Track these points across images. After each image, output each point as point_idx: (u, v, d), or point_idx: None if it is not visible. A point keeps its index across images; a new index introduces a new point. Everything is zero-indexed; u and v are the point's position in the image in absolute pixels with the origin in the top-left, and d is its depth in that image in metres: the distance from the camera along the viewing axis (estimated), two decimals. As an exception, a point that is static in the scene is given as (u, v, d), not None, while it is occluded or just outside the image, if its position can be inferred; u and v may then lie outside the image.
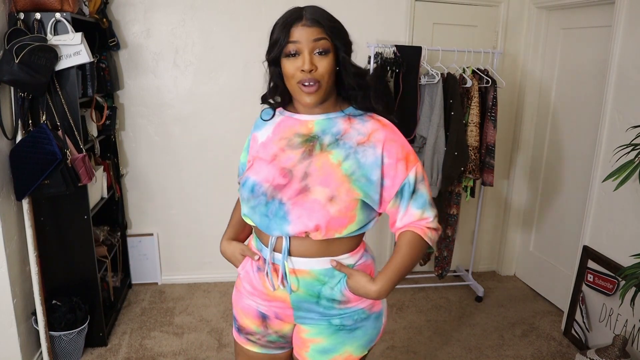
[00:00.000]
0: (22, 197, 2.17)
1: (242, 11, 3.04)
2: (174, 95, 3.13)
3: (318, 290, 1.24)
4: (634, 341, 2.38)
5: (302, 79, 1.16)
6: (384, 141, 1.20)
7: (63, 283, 2.50)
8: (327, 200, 1.16)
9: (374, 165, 1.19)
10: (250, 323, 1.37)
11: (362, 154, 1.20)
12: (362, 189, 1.18)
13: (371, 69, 2.98)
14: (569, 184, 3.10)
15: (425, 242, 1.23)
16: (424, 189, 1.23)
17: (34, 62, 2.01)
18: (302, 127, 1.25)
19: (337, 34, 1.18)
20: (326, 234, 1.17)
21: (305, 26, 1.15)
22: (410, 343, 2.77)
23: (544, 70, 3.30)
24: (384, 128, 1.23)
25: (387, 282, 1.20)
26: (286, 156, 1.23)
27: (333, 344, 1.28)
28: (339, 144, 1.21)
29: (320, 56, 1.16)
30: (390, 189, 1.21)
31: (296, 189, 1.18)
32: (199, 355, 2.60)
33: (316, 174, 1.19)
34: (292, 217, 1.18)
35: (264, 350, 1.40)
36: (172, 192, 3.26)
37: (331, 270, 1.23)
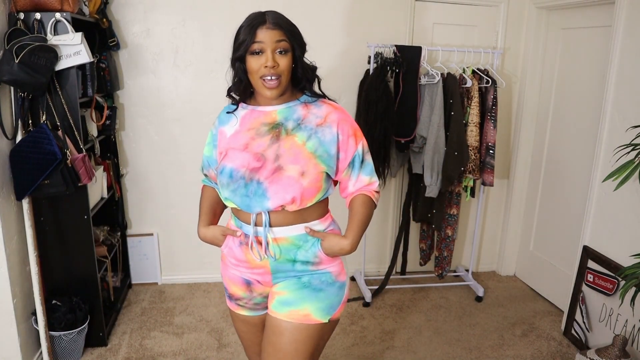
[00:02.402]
0: (22, 197, 2.18)
1: (242, 11, 3.00)
2: (174, 95, 3.13)
3: (294, 254, 1.44)
4: (634, 341, 2.38)
5: (265, 74, 1.35)
6: (338, 121, 1.43)
7: (63, 283, 2.50)
8: (299, 175, 1.37)
9: (332, 141, 1.42)
10: (238, 290, 1.55)
11: (322, 133, 1.41)
12: (325, 162, 1.41)
13: (371, 69, 2.99)
14: (569, 184, 3.10)
15: (374, 203, 1.50)
16: (369, 159, 1.50)
17: (34, 62, 2.01)
18: (267, 117, 1.44)
19: (294, 36, 1.39)
20: (301, 204, 1.39)
21: (269, 29, 1.35)
22: (410, 343, 2.77)
23: (544, 70, 3.30)
24: (336, 110, 1.46)
25: (356, 235, 1.44)
26: (257, 143, 1.42)
27: (295, 298, 1.44)
28: (301, 127, 1.42)
29: (280, 55, 1.36)
30: (344, 160, 1.45)
31: (271, 169, 1.38)
32: (199, 355, 2.60)
33: (286, 155, 1.39)
34: (270, 194, 1.38)
35: (252, 313, 1.59)
36: (172, 192, 3.26)
37: (305, 235, 1.43)
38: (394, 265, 3.33)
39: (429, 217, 3.16)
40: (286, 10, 2.02)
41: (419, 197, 3.17)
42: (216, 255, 3.36)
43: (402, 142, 3.05)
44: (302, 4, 3.04)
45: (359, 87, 3.11)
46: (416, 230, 3.46)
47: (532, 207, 3.46)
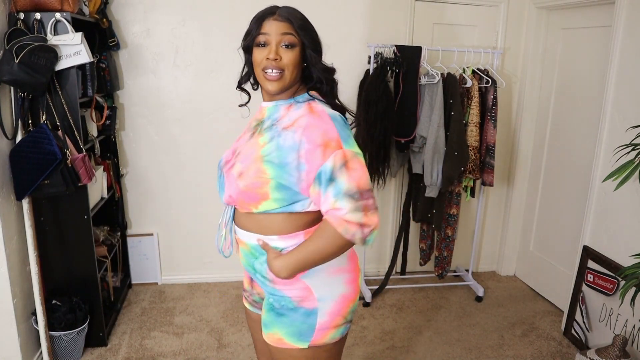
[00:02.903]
0: (22, 197, 2.18)
1: (242, 11, 3.03)
2: (174, 95, 3.13)
3: (252, 262, 1.37)
4: (634, 341, 2.38)
5: (267, 66, 1.28)
6: (305, 127, 1.24)
7: (63, 283, 2.50)
8: (237, 176, 1.30)
9: (292, 148, 1.24)
10: (245, 282, 1.56)
11: (283, 137, 1.26)
12: (273, 169, 1.25)
13: (371, 69, 2.99)
14: (569, 184, 3.09)
15: (339, 235, 1.20)
16: (343, 178, 1.20)
17: (34, 62, 2.01)
18: (260, 113, 1.40)
19: (305, 32, 1.30)
20: (240, 206, 1.32)
21: (275, 20, 1.28)
22: (410, 343, 2.77)
23: (544, 70, 3.30)
24: (310, 114, 1.27)
25: (286, 261, 1.27)
26: (243, 138, 1.41)
27: (267, 320, 1.38)
28: (272, 128, 1.31)
29: (286, 49, 1.28)
30: (309, 173, 1.23)
31: (230, 164, 1.36)
32: (199, 355, 2.60)
33: (243, 153, 1.33)
34: (225, 187, 1.37)
35: (251, 308, 1.57)
36: (172, 192, 3.26)
37: (256, 248, 1.34)
38: (394, 265, 3.33)
39: (429, 217, 3.16)
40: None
41: (419, 197, 3.17)
42: (216, 256, 3.36)
43: (402, 142, 3.05)
44: (302, 4, 3.03)
45: (359, 87, 3.11)
46: (416, 230, 3.46)
47: (532, 207, 3.46)
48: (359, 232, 1.19)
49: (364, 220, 1.19)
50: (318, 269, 1.32)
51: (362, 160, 1.25)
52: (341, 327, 1.38)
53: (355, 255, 1.45)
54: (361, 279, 1.46)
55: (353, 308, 1.41)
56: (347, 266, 1.39)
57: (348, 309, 1.38)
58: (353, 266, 1.42)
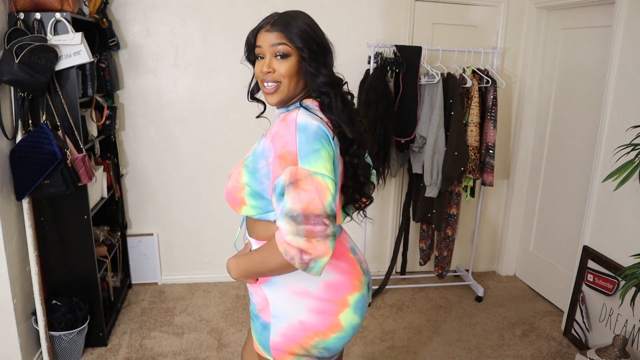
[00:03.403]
0: (22, 197, 2.18)
1: (242, 11, 3.04)
2: (174, 95, 3.12)
3: None
4: (634, 341, 2.38)
5: (263, 79, 1.26)
6: (274, 134, 1.20)
7: (63, 283, 2.50)
8: (228, 177, 1.32)
9: (261, 155, 1.22)
10: None
11: (259, 143, 1.26)
12: (247, 174, 1.24)
13: (371, 69, 2.99)
14: (569, 184, 3.09)
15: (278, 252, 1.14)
16: (289, 197, 1.12)
17: (34, 62, 2.01)
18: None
19: (302, 40, 1.22)
20: (232, 207, 1.32)
21: (267, 32, 1.24)
22: (410, 343, 2.77)
23: (544, 70, 3.30)
24: (281, 122, 1.22)
25: (236, 262, 1.29)
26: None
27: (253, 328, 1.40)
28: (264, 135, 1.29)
29: (280, 60, 1.23)
30: (268, 180, 1.21)
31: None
32: (199, 355, 2.60)
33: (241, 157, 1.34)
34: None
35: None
36: (172, 192, 3.26)
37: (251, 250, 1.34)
38: (394, 265, 3.33)
39: (429, 217, 3.16)
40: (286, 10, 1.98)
41: (419, 197, 3.17)
42: (216, 256, 3.37)
43: (402, 142, 3.05)
44: (302, 4, 3.03)
45: (359, 87, 3.11)
46: (416, 230, 3.46)
47: (532, 207, 3.46)
48: (297, 256, 1.11)
49: (304, 247, 1.10)
50: (280, 284, 1.28)
51: (321, 181, 1.12)
52: (302, 358, 1.29)
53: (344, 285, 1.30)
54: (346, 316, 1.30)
55: (322, 344, 1.28)
56: (317, 293, 1.27)
57: (311, 342, 1.27)
58: (330, 296, 1.28)
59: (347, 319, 1.30)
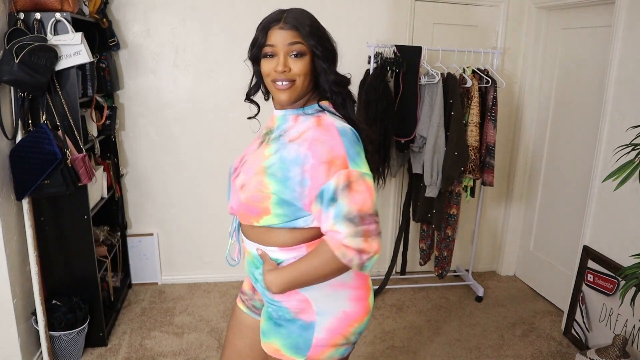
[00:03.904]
0: (22, 197, 2.18)
1: (243, 11, 3.04)
2: (174, 95, 3.12)
3: (253, 271, 1.34)
4: (634, 341, 2.38)
5: (276, 77, 1.23)
6: (312, 141, 1.18)
7: (63, 283, 2.50)
8: (239, 187, 1.26)
9: (294, 162, 1.18)
10: (246, 284, 1.50)
11: (287, 150, 1.20)
12: (275, 183, 1.19)
13: (371, 69, 2.99)
14: (569, 184, 3.09)
15: (337, 258, 1.15)
16: (344, 200, 1.13)
17: (34, 62, 2.01)
18: (271, 122, 1.34)
19: (315, 39, 1.22)
20: (242, 218, 1.29)
21: (282, 29, 1.21)
22: (410, 343, 2.77)
23: (544, 70, 3.30)
24: (318, 128, 1.20)
25: (278, 276, 1.23)
26: (252, 146, 1.35)
27: (266, 329, 1.33)
28: (279, 139, 1.25)
29: (295, 58, 1.22)
30: (312, 190, 1.17)
31: (236, 173, 1.32)
32: (199, 355, 2.60)
33: (248, 163, 1.28)
34: (230, 196, 1.34)
35: (248, 312, 1.48)
36: (172, 192, 3.26)
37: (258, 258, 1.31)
38: (394, 265, 3.33)
39: (429, 217, 3.16)
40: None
41: (419, 197, 3.17)
42: (216, 256, 3.37)
43: (402, 142, 3.05)
44: (302, 5, 3.04)
45: (359, 87, 3.10)
46: (416, 230, 3.46)
47: (532, 207, 3.46)
48: (356, 258, 1.14)
49: (362, 247, 1.14)
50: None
51: (370, 182, 1.16)
52: (341, 348, 1.29)
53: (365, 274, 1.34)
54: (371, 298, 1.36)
55: (359, 329, 1.32)
56: (352, 282, 1.31)
57: (351, 329, 1.30)
58: (360, 283, 1.33)
59: (372, 301, 1.37)
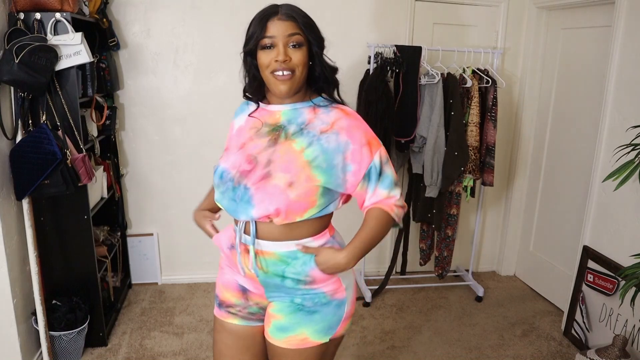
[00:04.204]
0: (22, 197, 2.18)
1: (243, 11, 3.03)
2: (174, 95, 3.13)
3: (282, 269, 1.31)
4: (634, 341, 2.38)
5: (276, 68, 1.25)
6: (347, 128, 1.29)
7: (63, 283, 2.50)
8: (286, 186, 1.23)
9: (337, 150, 1.27)
10: (231, 296, 1.44)
11: (325, 140, 1.27)
12: (323, 174, 1.26)
13: (371, 69, 2.99)
14: (569, 184, 3.10)
15: (391, 218, 1.32)
16: (389, 171, 1.33)
17: (34, 62, 2.01)
18: (271, 118, 1.34)
19: (310, 29, 1.28)
20: (286, 217, 1.25)
21: (280, 20, 1.24)
22: (410, 343, 2.77)
23: (544, 70, 3.30)
24: (347, 117, 1.32)
25: (354, 250, 1.29)
26: (254, 144, 1.32)
27: (290, 322, 1.34)
28: (303, 132, 1.29)
29: (294, 49, 1.25)
30: (357, 172, 1.28)
31: (259, 175, 1.26)
32: (199, 355, 2.60)
33: (279, 161, 1.27)
34: (255, 202, 1.26)
35: (244, 322, 1.45)
36: (172, 192, 3.26)
37: (294, 252, 1.30)
38: (394, 265, 3.33)
39: (429, 217, 3.16)
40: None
41: (419, 197, 3.17)
42: (216, 256, 3.36)
43: (402, 142, 3.05)
44: (302, 4, 3.04)
45: (359, 87, 3.11)
46: (416, 230, 3.46)
47: (532, 207, 3.46)
48: (401, 213, 1.35)
49: (402, 203, 1.35)
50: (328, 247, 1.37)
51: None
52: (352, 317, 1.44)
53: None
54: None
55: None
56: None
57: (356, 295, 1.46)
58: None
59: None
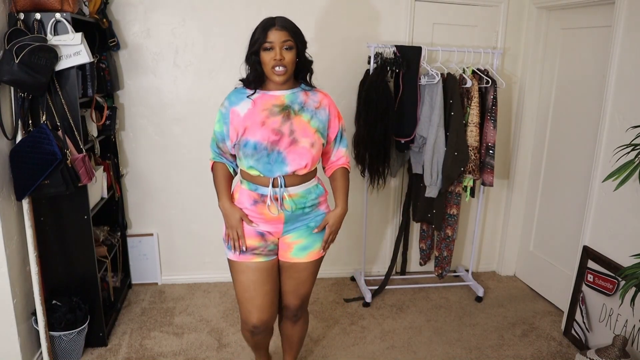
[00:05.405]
0: (22, 197, 2.17)
1: (242, 11, 3.04)
2: (174, 95, 3.13)
3: (304, 201, 1.89)
4: (634, 341, 2.39)
5: (275, 64, 1.75)
6: (329, 105, 1.90)
7: (63, 283, 2.50)
8: (310, 146, 1.82)
9: (326, 120, 1.89)
10: (254, 242, 1.90)
11: (320, 113, 1.87)
12: (322, 137, 1.87)
13: (371, 69, 2.99)
14: (569, 184, 3.10)
15: (349, 171, 2.01)
16: (345, 135, 1.99)
17: (34, 62, 2.01)
18: (277, 100, 1.83)
19: (297, 36, 1.79)
20: (310, 168, 1.84)
21: (277, 30, 1.74)
22: (410, 343, 2.77)
23: (544, 70, 3.30)
24: (326, 97, 1.92)
25: (344, 202, 1.98)
26: (271, 121, 1.80)
27: (309, 241, 1.93)
28: (305, 109, 1.84)
29: (287, 50, 1.76)
30: (332, 135, 1.93)
31: (288, 141, 1.79)
32: (199, 355, 2.60)
33: (299, 130, 1.81)
34: (289, 161, 1.80)
35: (266, 258, 1.93)
36: (172, 192, 3.26)
37: (309, 189, 1.89)
38: (394, 265, 3.33)
39: (429, 217, 3.16)
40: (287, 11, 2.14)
41: (419, 197, 3.17)
42: (216, 255, 3.37)
43: (402, 142, 3.05)
44: (303, 4, 3.04)
45: (359, 87, 3.11)
46: (416, 230, 3.46)
47: (532, 207, 3.46)
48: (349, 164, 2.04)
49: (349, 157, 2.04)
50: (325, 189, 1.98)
51: None
52: None
53: None
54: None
55: None
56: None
57: None
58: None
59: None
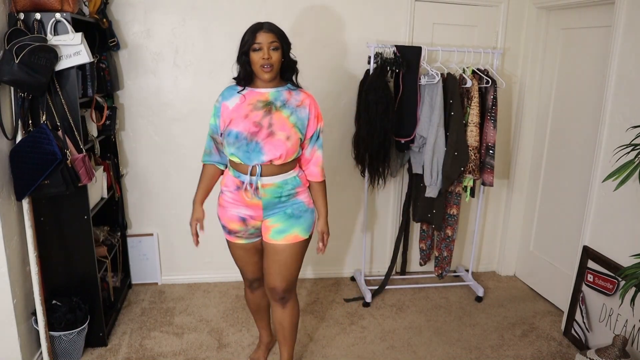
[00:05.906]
0: (22, 197, 2.18)
1: (242, 11, 3.04)
2: (174, 95, 3.13)
3: (280, 191, 2.03)
4: (634, 341, 2.39)
5: (263, 63, 1.92)
6: (309, 105, 2.04)
7: (63, 283, 2.50)
8: (285, 139, 1.96)
9: (305, 118, 2.02)
10: (235, 225, 2.11)
11: (299, 111, 2.01)
12: (300, 132, 2.00)
13: (371, 69, 2.99)
14: (569, 184, 3.09)
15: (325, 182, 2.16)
16: (321, 136, 2.11)
17: (34, 62, 2.01)
18: (262, 97, 2.00)
19: (283, 38, 1.96)
20: (285, 159, 1.98)
21: (265, 32, 1.92)
22: (410, 343, 2.77)
23: (544, 70, 3.30)
24: (309, 97, 2.06)
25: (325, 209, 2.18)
26: (254, 114, 1.97)
27: (286, 226, 2.06)
28: (286, 106, 2.00)
29: (273, 51, 1.93)
30: (310, 132, 2.05)
31: (266, 133, 1.95)
32: (199, 355, 2.60)
33: (277, 124, 1.96)
34: (265, 151, 1.95)
35: (247, 241, 2.16)
36: (172, 192, 3.26)
37: (285, 181, 2.03)
38: (394, 265, 3.33)
39: (429, 217, 3.16)
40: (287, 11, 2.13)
41: (419, 197, 3.17)
42: (216, 255, 3.37)
43: (402, 142, 3.05)
44: (303, 4, 3.04)
45: (359, 87, 3.11)
46: (416, 231, 3.46)
47: (532, 207, 3.46)
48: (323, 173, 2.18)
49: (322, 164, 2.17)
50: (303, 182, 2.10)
51: None
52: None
53: None
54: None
55: None
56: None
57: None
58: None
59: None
